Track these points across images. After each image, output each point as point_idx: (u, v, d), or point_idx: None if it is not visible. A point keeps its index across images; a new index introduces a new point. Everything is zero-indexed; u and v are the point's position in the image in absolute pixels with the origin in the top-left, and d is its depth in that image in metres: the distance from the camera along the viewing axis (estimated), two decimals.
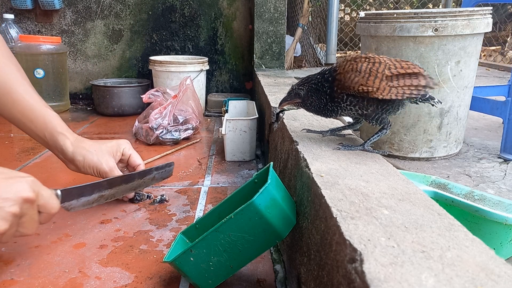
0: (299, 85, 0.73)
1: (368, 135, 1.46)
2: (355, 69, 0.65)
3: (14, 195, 0.58)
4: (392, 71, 0.64)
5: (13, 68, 0.81)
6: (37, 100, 0.82)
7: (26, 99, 0.80)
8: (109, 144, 0.87)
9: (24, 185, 0.60)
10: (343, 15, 4.32)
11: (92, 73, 2.06)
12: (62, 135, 0.83)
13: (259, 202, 0.51)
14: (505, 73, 3.21)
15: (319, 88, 0.70)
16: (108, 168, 0.84)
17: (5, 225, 0.57)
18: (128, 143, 0.91)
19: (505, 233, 0.74)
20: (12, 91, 0.79)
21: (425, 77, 0.65)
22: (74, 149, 0.83)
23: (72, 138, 0.84)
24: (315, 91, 0.71)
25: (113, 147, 0.87)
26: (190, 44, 2.05)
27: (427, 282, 0.30)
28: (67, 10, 1.98)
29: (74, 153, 0.83)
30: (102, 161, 0.84)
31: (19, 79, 0.81)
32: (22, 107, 0.80)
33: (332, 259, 0.41)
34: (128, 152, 0.90)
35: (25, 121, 0.81)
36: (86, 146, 0.84)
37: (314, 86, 0.71)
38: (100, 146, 0.86)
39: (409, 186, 0.51)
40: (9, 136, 1.44)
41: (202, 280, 0.57)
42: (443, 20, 1.20)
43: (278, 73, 1.80)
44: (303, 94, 0.73)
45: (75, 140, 0.84)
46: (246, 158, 1.23)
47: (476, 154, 1.42)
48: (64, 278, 0.64)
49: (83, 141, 0.85)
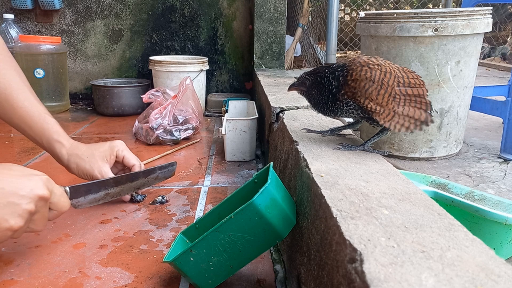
0: (308, 74, 0.72)
1: (368, 135, 1.46)
2: (369, 78, 0.64)
3: (30, 193, 0.59)
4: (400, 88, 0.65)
5: (13, 73, 0.82)
6: (36, 106, 0.83)
7: (25, 105, 0.82)
8: (101, 149, 0.88)
9: (39, 182, 0.61)
10: (343, 15, 4.32)
11: (92, 73, 2.06)
12: (58, 143, 0.85)
13: (259, 202, 0.51)
14: (505, 73, 3.21)
15: (324, 84, 0.69)
16: (100, 176, 0.86)
17: (21, 222, 0.58)
18: (122, 144, 0.92)
19: (505, 233, 0.74)
20: (12, 98, 0.81)
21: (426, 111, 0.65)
22: (68, 157, 0.85)
23: (68, 144, 0.86)
24: (318, 84, 0.70)
25: (106, 152, 0.88)
26: (190, 44, 2.05)
27: (427, 282, 0.30)
28: (67, 10, 1.98)
29: (68, 161, 0.86)
30: (94, 168, 0.86)
31: (19, 85, 0.82)
32: (21, 114, 0.82)
33: (332, 259, 0.41)
34: (122, 154, 0.90)
35: (24, 127, 0.83)
36: (80, 153, 0.86)
37: (319, 80, 0.70)
38: (93, 152, 0.87)
39: (409, 186, 0.51)
40: (9, 136, 1.44)
41: (202, 280, 0.57)
42: (443, 20, 1.20)
43: (278, 73, 1.80)
44: (308, 84, 0.72)
45: (70, 147, 0.86)
46: (246, 158, 1.23)
47: (476, 154, 1.42)
48: (64, 278, 0.64)
49: (77, 147, 0.86)
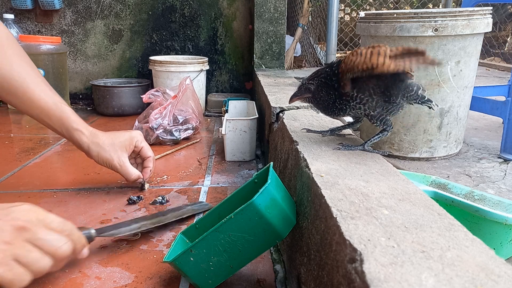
0: (310, 79, 0.72)
1: (368, 135, 1.46)
2: (356, 53, 0.64)
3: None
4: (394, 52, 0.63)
5: (27, 67, 0.85)
6: (52, 98, 0.87)
7: (42, 97, 0.85)
8: (122, 139, 0.92)
9: None
10: (343, 15, 4.32)
11: (92, 73, 2.06)
12: (78, 131, 0.88)
13: (259, 202, 0.51)
14: (505, 73, 3.21)
15: (327, 82, 0.69)
16: (119, 165, 0.91)
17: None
18: (140, 135, 0.97)
19: (505, 233, 0.74)
20: (29, 91, 0.84)
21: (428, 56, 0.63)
22: (89, 145, 0.89)
23: (87, 132, 0.89)
24: (324, 85, 0.70)
25: (126, 142, 0.93)
26: (190, 44, 2.05)
27: (427, 282, 0.30)
28: (67, 10, 1.98)
29: (89, 148, 0.89)
30: (114, 157, 0.90)
31: (34, 78, 0.86)
32: (39, 106, 0.85)
33: (332, 259, 0.41)
34: (140, 145, 0.96)
35: (44, 118, 0.87)
36: (100, 142, 0.89)
37: (323, 80, 0.70)
38: (113, 141, 0.91)
39: (409, 186, 0.51)
40: (9, 136, 1.44)
41: (202, 280, 0.57)
42: (443, 20, 1.20)
43: (278, 73, 1.80)
44: (313, 89, 0.71)
45: (90, 135, 0.89)
46: (246, 158, 1.23)
47: (476, 154, 1.42)
48: (64, 278, 0.64)
49: (97, 136, 0.90)
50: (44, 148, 1.29)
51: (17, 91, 0.84)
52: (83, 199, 0.93)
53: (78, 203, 0.91)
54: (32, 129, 1.53)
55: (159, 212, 0.86)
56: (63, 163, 1.18)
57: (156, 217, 0.82)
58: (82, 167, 1.13)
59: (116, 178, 1.04)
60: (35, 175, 1.07)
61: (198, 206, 0.91)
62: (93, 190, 0.98)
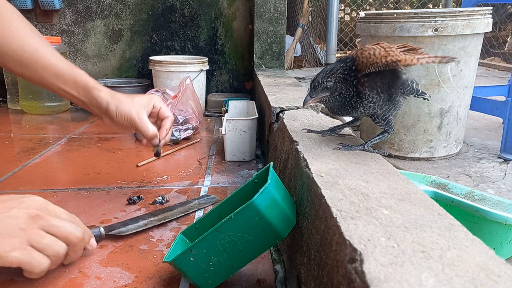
0: (325, 78, 0.69)
1: (368, 135, 1.46)
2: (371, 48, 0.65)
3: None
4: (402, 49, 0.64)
5: (36, 37, 0.86)
6: (64, 61, 0.87)
7: (53, 63, 0.85)
8: (141, 98, 0.93)
9: None
10: (343, 15, 4.32)
11: (92, 73, 2.05)
12: (95, 89, 0.88)
13: (259, 202, 0.51)
14: (505, 73, 3.21)
15: (346, 78, 0.67)
16: (137, 118, 0.89)
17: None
18: (158, 97, 0.97)
19: (505, 233, 0.74)
20: (41, 58, 0.84)
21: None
22: (108, 100, 0.88)
23: (105, 90, 0.89)
24: (343, 81, 0.68)
25: (145, 101, 0.93)
26: (190, 44, 2.05)
27: (427, 282, 0.30)
28: (67, 10, 1.98)
29: (108, 103, 0.88)
30: (132, 110, 0.89)
31: (44, 46, 0.86)
32: (53, 72, 0.85)
33: (332, 259, 0.41)
34: (159, 105, 0.95)
35: (59, 84, 0.86)
36: (119, 97, 0.90)
37: (341, 76, 0.68)
38: (132, 99, 0.91)
39: (409, 186, 0.51)
40: (9, 136, 1.44)
41: (202, 280, 0.57)
42: (443, 20, 1.21)
43: (278, 73, 1.80)
44: (331, 86, 0.68)
45: (108, 91, 0.90)
46: (246, 158, 1.23)
47: (476, 154, 1.42)
48: (64, 278, 0.64)
49: (116, 93, 0.91)
50: (44, 148, 1.29)
51: (29, 61, 0.84)
52: (83, 199, 0.93)
53: (78, 203, 0.91)
54: (32, 129, 1.53)
55: (166, 207, 0.87)
56: (63, 163, 1.18)
57: (163, 213, 0.84)
58: (82, 167, 1.13)
59: (116, 178, 1.04)
60: (35, 175, 1.07)
61: (205, 200, 0.92)
62: (93, 190, 0.98)
